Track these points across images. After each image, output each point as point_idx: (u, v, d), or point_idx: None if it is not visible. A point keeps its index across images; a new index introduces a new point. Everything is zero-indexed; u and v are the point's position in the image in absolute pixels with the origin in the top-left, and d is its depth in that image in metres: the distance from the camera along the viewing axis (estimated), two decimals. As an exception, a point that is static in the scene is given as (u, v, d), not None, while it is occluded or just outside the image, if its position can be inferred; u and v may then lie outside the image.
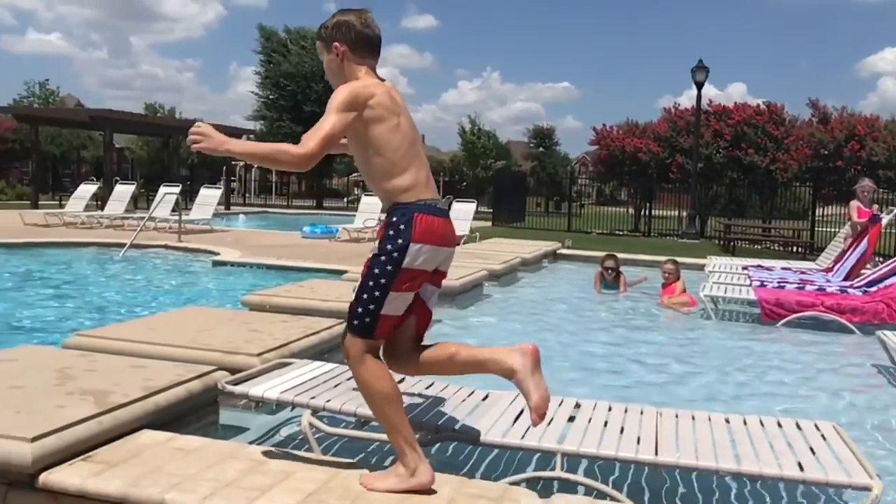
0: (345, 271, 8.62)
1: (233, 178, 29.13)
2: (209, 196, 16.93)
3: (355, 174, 41.98)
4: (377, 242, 2.51)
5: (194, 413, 3.31)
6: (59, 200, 22.33)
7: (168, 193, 14.89)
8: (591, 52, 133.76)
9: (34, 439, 2.48)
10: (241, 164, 34.79)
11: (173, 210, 14.88)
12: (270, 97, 31.49)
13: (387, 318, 2.48)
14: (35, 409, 2.76)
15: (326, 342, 4.47)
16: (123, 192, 17.27)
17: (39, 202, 21.69)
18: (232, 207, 25.60)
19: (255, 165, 36.67)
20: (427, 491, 2.45)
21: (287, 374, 3.47)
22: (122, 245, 11.48)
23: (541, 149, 50.74)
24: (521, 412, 3.23)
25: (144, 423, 2.93)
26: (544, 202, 33.37)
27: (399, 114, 2.55)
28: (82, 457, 2.60)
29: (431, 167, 2.72)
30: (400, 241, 2.45)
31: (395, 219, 2.49)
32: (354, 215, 17.11)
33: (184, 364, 3.49)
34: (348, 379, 3.49)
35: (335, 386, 3.35)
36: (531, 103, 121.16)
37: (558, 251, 12.57)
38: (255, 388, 3.17)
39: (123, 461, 2.58)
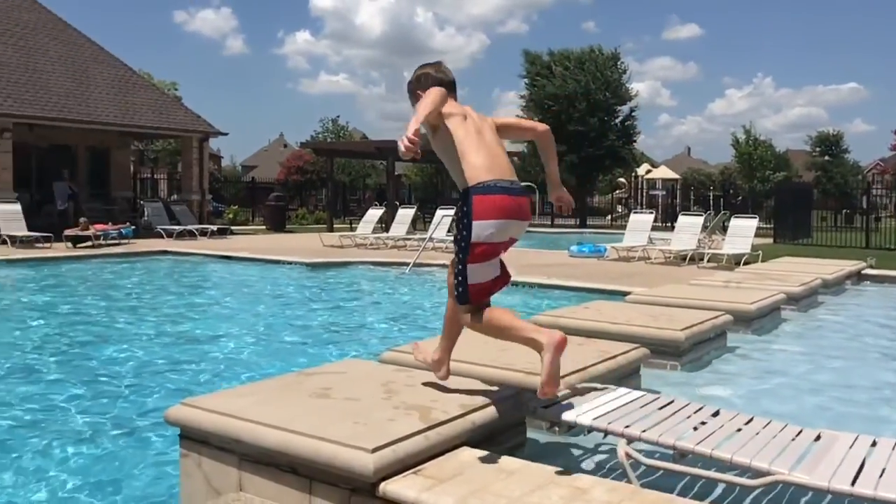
0: (624, 292, 8.41)
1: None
2: (481, 217, 17.63)
3: (618, 191, 41.33)
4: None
5: (505, 433, 3.35)
6: (349, 224, 24.65)
7: (445, 216, 15.76)
8: (882, 46, 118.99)
9: (374, 450, 2.64)
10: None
11: (449, 231, 15.69)
12: (535, 119, 32.15)
13: (475, 286, 2.98)
14: (369, 420, 2.96)
15: (623, 367, 4.33)
16: (405, 215, 18.61)
17: (334, 225, 24.16)
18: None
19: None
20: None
21: (594, 399, 3.39)
22: (406, 264, 12.34)
23: (826, 157, 46.12)
24: (866, 457, 2.83)
25: (463, 440, 3.01)
26: (831, 216, 30.18)
27: (466, 115, 3.12)
28: (413, 470, 2.72)
29: (698, 181, 2.72)
30: (465, 220, 2.92)
31: (460, 203, 2.99)
32: (621, 234, 16.77)
33: (493, 383, 3.56)
34: (660, 408, 3.34)
35: (647, 415, 3.21)
36: (811, 108, 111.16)
37: (863, 271, 11.19)
38: (568, 413, 3.13)
39: (450, 478, 2.66)
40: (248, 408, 3.07)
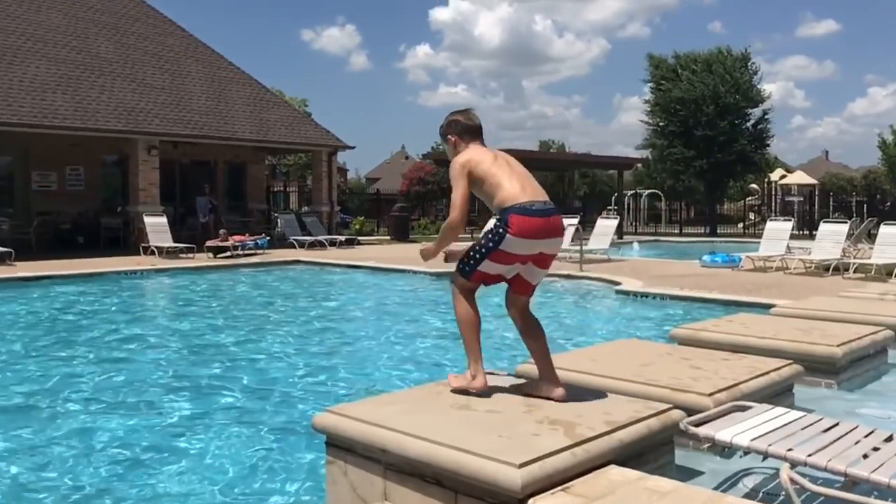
0: (765, 304, 7.98)
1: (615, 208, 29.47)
2: (606, 227, 17.27)
3: (750, 198, 39.45)
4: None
5: (652, 452, 3.21)
6: (471, 234, 24.77)
7: (568, 225, 15.54)
8: None
9: (521, 465, 2.59)
10: (630, 193, 35.04)
11: (573, 241, 15.45)
12: (660, 124, 31.22)
13: (479, 272, 3.37)
14: (513, 434, 2.90)
15: (776, 385, 4.08)
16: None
17: (455, 235, 24.34)
18: (624, 236, 25.82)
19: (644, 194, 36.69)
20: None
21: (749, 418, 3.19)
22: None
23: None
24: None
25: (610, 458, 2.90)
26: None
27: (496, 157, 3.48)
28: (560, 487, 2.64)
29: (839, 186, 2.53)
30: (501, 230, 3.29)
31: (499, 218, 3.35)
32: (754, 242, 15.96)
33: (638, 400, 3.43)
34: (825, 431, 3.10)
35: (810, 438, 2.98)
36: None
37: None
38: (723, 433, 2.96)
39: (600, 497, 2.57)
40: (392, 417, 3.09)
